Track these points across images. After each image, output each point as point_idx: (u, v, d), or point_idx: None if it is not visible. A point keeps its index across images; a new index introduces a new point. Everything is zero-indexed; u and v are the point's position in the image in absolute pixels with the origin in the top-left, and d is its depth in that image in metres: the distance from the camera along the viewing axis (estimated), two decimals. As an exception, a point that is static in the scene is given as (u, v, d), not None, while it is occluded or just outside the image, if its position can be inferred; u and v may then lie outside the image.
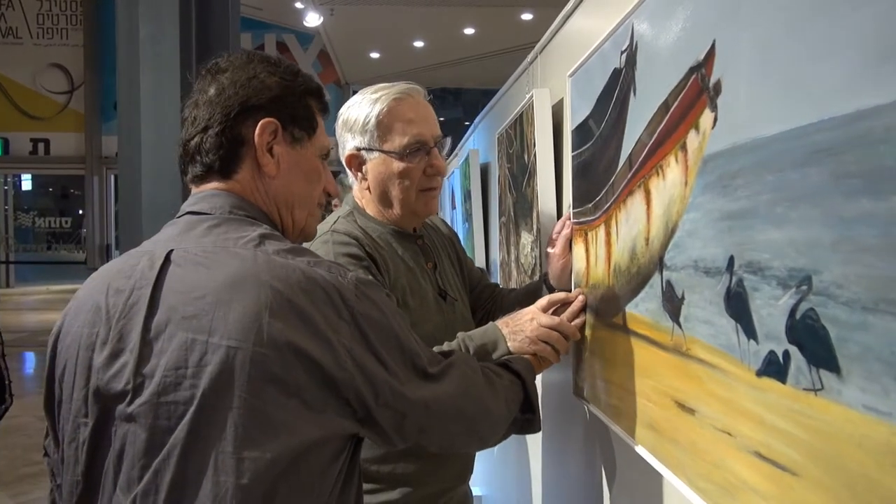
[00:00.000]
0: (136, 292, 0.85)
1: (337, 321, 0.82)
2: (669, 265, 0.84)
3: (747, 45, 0.64)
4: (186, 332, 0.80)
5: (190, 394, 0.78)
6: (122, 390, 0.81)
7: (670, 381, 0.87)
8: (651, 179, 0.90)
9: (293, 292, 0.80)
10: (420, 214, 1.41)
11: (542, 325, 1.23)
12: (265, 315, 0.79)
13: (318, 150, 1.02)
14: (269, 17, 9.17)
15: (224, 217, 0.91)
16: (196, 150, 0.95)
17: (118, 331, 0.84)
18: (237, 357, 0.78)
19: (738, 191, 0.65)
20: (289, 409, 0.79)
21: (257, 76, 0.96)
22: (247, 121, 0.94)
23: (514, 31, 7.46)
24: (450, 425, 0.96)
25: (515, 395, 1.10)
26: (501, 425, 1.07)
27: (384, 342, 0.86)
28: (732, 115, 0.67)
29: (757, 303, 0.63)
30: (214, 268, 0.83)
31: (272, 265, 0.82)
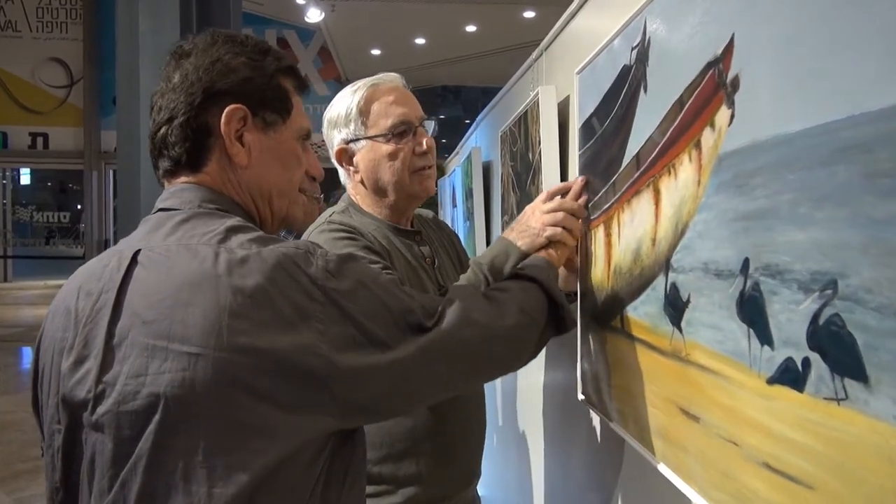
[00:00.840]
0: (104, 296, 0.81)
1: (308, 304, 0.77)
2: (676, 267, 0.82)
3: (768, 38, 0.62)
4: (147, 337, 0.76)
5: (150, 402, 0.74)
6: (85, 398, 0.78)
7: (672, 387, 0.85)
8: (662, 179, 0.87)
9: (255, 285, 0.75)
10: (416, 195, 1.39)
11: (546, 212, 1.20)
12: (225, 317, 0.74)
13: (296, 133, 0.96)
14: (271, 12, 9.13)
15: (193, 212, 0.86)
16: (162, 143, 0.90)
17: (84, 336, 0.80)
18: (198, 364, 0.73)
19: (757, 190, 0.62)
20: (260, 413, 0.74)
21: (221, 59, 0.89)
22: (212, 108, 0.88)
23: (515, 29, 7.43)
24: (457, 364, 0.89)
25: (534, 300, 1.03)
26: (524, 338, 1.00)
27: (368, 313, 0.80)
28: (751, 112, 0.65)
29: (774, 307, 0.60)
30: (174, 268, 0.79)
31: (232, 260, 0.77)
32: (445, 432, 1.34)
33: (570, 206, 1.20)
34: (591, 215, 1.18)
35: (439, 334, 0.85)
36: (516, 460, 2.14)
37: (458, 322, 0.87)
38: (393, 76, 1.41)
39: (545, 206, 1.21)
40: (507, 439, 2.35)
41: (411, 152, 1.35)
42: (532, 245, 1.19)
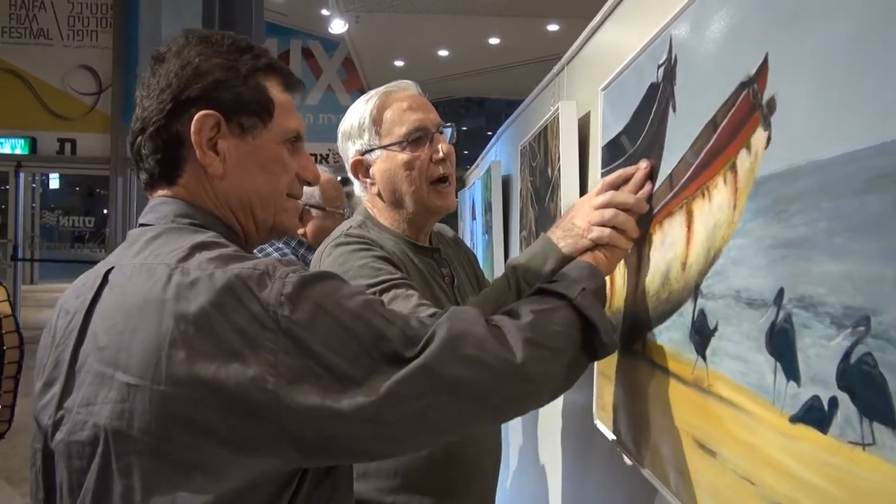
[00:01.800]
0: (76, 316, 0.77)
1: (257, 332, 0.69)
2: (706, 293, 0.79)
3: (805, 59, 0.59)
4: (99, 364, 0.72)
5: (94, 434, 0.70)
6: (47, 424, 0.76)
7: (690, 418, 0.81)
8: (695, 201, 0.84)
9: (199, 310, 0.69)
10: (435, 210, 1.33)
11: (596, 207, 1.01)
12: (165, 346, 0.68)
13: (280, 136, 0.88)
14: (295, 23, 9.22)
15: (165, 227, 0.81)
16: (138, 155, 0.85)
17: (55, 358, 0.78)
18: (136, 396, 0.68)
19: (795, 217, 0.60)
20: (203, 450, 0.68)
21: (191, 62, 0.83)
22: (182, 117, 0.82)
23: (539, 42, 7.42)
24: (447, 405, 0.76)
25: (558, 326, 0.86)
26: (539, 374, 0.83)
27: (328, 342, 0.71)
28: (789, 135, 0.62)
29: (805, 341, 0.57)
30: (130, 290, 0.74)
31: (182, 283, 0.71)
32: (462, 462, 1.29)
33: (624, 199, 1.00)
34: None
35: (418, 369, 0.73)
36: (531, 484, 2.11)
37: (444, 356, 0.75)
38: (407, 83, 1.36)
39: (596, 199, 1.03)
40: (521, 460, 2.31)
41: (428, 160, 1.29)
42: (575, 248, 1.03)
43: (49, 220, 10.49)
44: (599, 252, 1.01)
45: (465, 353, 0.76)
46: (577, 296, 0.89)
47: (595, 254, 1.01)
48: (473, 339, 0.78)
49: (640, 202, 1.00)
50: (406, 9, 6.83)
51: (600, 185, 1.06)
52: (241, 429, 0.68)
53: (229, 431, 0.68)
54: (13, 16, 8.72)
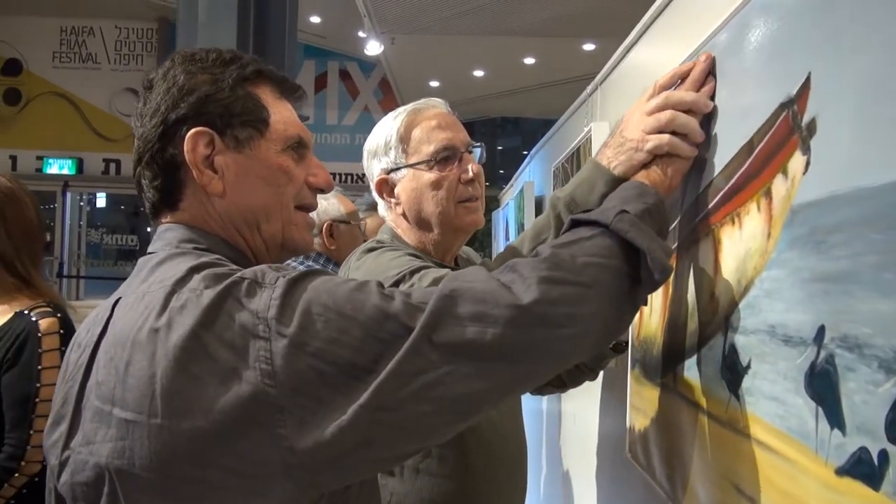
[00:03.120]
0: (85, 351, 0.74)
1: (250, 344, 0.64)
2: (737, 327, 0.73)
3: (850, 79, 0.54)
4: (98, 400, 0.69)
5: (97, 475, 0.67)
6: (54, 464, 0.72)
7: (726, 460, 0.76)
8: (724, 227, 0.79)
9: (188, 333, 0.65)
10: (462, 229, 1.27)
11: (649, 112, 0.88)
12: (159, 377, 0.65)
13: (280, 144, 0.84)
14: (333, 45, 9.35)
15: (168, 252, 0.78)
16: (139, 186, 0.83)
17: (64, 394, 0.75)
18: (135, 433, 0.65)
19: (836, 249, 0.55)
20: (207, 482, 0.64)
21: (176, 83, 0.80)
22: (174, 139, 0.79)
23: (575, 62, 7.37)
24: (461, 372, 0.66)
25: (590, 256, 0.73)
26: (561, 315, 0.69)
27: (330, 336, 0.65)
28: (829, 160, 0.57)
29: (850, 386, 0.52)
30: (126, 322, 0.70)
31: (174, 308, 0.67)
32: (484, 496, 1.23)
33: (682, 97, 0.85)
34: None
35: (416, 341, 0.65)
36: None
37: (439, 320, 0.66)
38: (436, 101, 1.32)
39: (649, 104, 0.89)
40: (548, 493, 2.24)
41: (456, 180, 1.24)
42: (630, 164, 0.89)
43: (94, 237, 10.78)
44: (656, 167, 0.87)
45: (462, 311, 0.67)
46: (612, 220, 0.76)
47: (650, 170, 0.87)
48: (470, 294, 0.68)
49: (702, 98, 0.85)
50: (441, 30, 6.87)
51: (652, 88, 0.92)
52: (249, 452, 0.63)
53: (235, 458, 0.64)
54: (63, 41, 9.08)
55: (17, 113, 9.05)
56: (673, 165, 0.87)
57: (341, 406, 0.63)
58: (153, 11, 8.74)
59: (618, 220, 0.76)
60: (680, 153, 0.87)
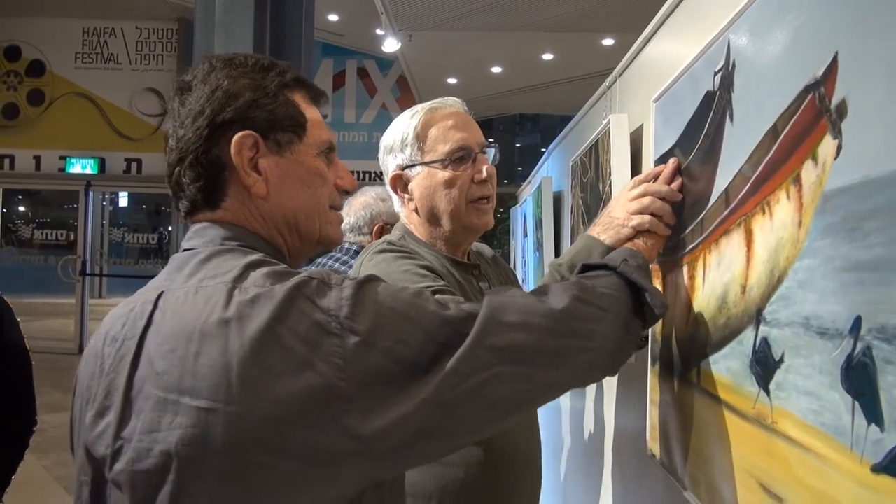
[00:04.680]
0: (126, 343, 0.76)
1: (323, 339, 0.69)
2: (770, 320, 0.70)
3: (881, 56, 0.52)
4: (159, 390, 0.70)
5: (163, 461, 0.69)
6: (104, 454, 0.73)
7: (752, 457, 0.73)
8: (754, 218, 0.76)
9: (263, 326, 0.69)
10: (473, 228, 1.30)
11: (632, 199, 1.06)
12: (234, 366, 0.68)
13: (316, 148, 0.89)
14: (351, 43, 9.38)
15: (214, 249, 0.81)
16: (177, 185, 0.85)
17: (106, 386, 0.76)
18: (210, 419, 0.67)
19: (871, 236, 0.52)
20: (276, 468, 0.67)
21: (220, 86, 0.83)
22: (220, 141, 0.82)
23: (594, 57, 7.31)
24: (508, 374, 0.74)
25: (600, 286, 0.86)
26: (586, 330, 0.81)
27: (395, 336, 0.71)
28: (862, 143, 0.54)
29: (889, 379, 0.49)
30: (187, 314, 0.73)
31: (243, 302, 0.71)
32: (500, 486, 1.23)
33: (659, 189, 1.05)
34: (675, 254, 1.07)
35: (472, 344, 0.73)
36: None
37: (490, 328, 0.74)
38: (453, 101, 1.34)
39: (630, 192, 1.08)
40: (567, 487, 2.21)
41: (470, 180, 1.27)
42: (617, 238, 1.06)
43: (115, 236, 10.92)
44: (639, 240, 1.05)
45: (510, 319, 0.76)
46: (619, 264, 0.91)
47: (635, 242, 1.05)
48: (514, 306, 0.78)
49: (674, 191, 1.05)
50: (459, 26, 6.86)
51: (633, 181, 1.11)
52: (318, 442, 0.67)
53: (306, 446, 0.67)
54: (85, 42, 9.20)
55: (41, 113, 9.19)
56: (651, 240, 1.06)
57: (402, 400, 0.69)
58: (173, 12, 8.83)
59: (623, 265, 0.91)
60: (657, 231, 1.06)
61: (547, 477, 1.45)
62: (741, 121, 0.82)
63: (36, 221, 10.89)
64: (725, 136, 0.87)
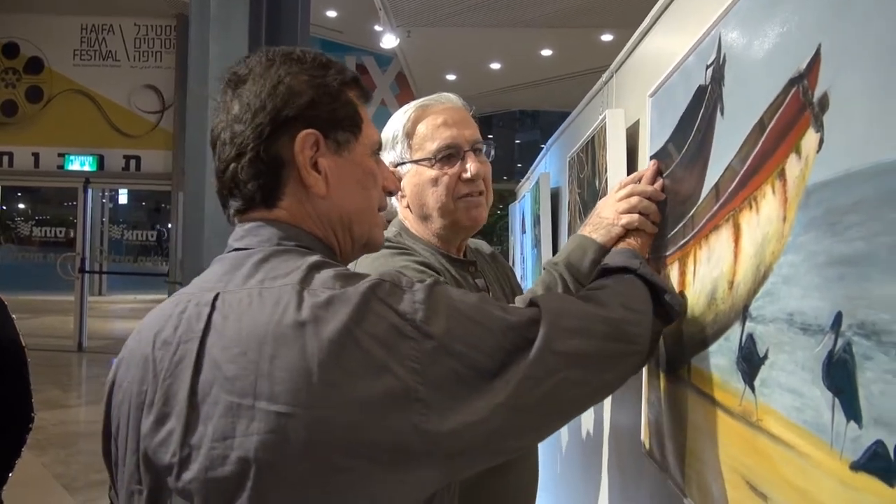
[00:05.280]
0: (183, 346, 0.74)
1: (400, 342, 0.69)
2: (756, 316, 0.70)
3: (863, 47, 0.51)
4: (231, 395, 0.69)
5: (241, 469, 0.67)
6: (170, 462, 0.71)
7: (739, 455, 0.73)
8: (742, 213, 0.76)
9: (341, 328, 0.68)
10: (463, 225, 1.29)
11: (619, 199, 1.10)
12: (314, 369, 0.67)
13: (370, 148, 0.89)
14: (349, 39, 9.37)
15: (271, 250, 0.79)
16: (232, 182, 0.83)
17: (164, 391, 0.73)
18: (289, 424, 0.66)
19: (852, 230, 0.51)
20: (359, 471, 0.67)
21: (282, 81, 0.81)
22: (282, 138, 0.80)
23: (593, 53, 7.29)
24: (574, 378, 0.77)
25: (634, 290, 0.91)
26: (634, 333, 0.84)
27: (468, 341, 0.72)
28: (844, 135, 0.54)
29: (867, 375, 0.49)
30: (256, 317, 0.71)
31: (316, 304, 0.70)
32: (494, 494, 1.23)
33: (644, 189, 1.09)
34: (666, 251, 1.06)
35: (541, 350, 0.74)
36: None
37: (556, 334, 0.76)
38: (449, 96, 1.32)
39: (617, 194, 1.12)
40: (563, 488, 2.21)
41: (456, 178, 1.26)
42: (608, 236, 1.10)
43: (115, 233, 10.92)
44: (630, 239, 1.08)
45: (571, 325, 0.78)
46: (639, 266, 0.94)
47: (628, 241, 1.08)
48: (572, 312, 0.80)
49: (657, 190, 1.09)
50: (457, 22, 6.84)
51: (618, 184, 1.15)
52: (396, 444, 0.67)
53: (384, 448, 0.67)
54: (84, 39, 9.17)
55: (40, 110, 9.17)
56: (641, 239, 1.08)
57: (475, 404, 0.70)
58: (171, 8, 8.80)
59: (642, 266, 0.95)
60: (645, 229, 1.09)
61: (544, 474, 1.45)
62: (731, 115, 0.81)
63: (35, 219, 10.89)
64: (716, 131, 0.86)
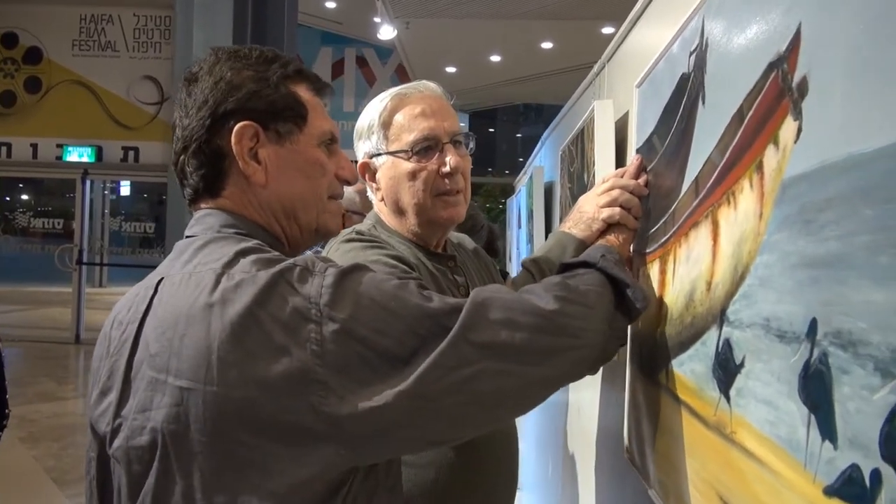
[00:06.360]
0: (129, 326, 0.81)
1: (302, 325, 0.71)
2: (733, 320, 0.65)
3: (845, 27, 0.46)
4: (152, 370, 0.75)
5: (152, 438, 0.73)
6: (104, 431, 0.78)
7: (712, 467, 0.69)
8: (720, 209, 0.71)
9: (244, 310, 0.71)
10: (439, 223, 1.22)
11: (600, 193, 1.09)
12: (214, 348, 0.71)
13: (317, 139, 0.91)
14: (350, 31, 9.30)
15: (211, 236, 0.83)
16: (181, 173, 0.89)
17: (109, 367, 0.81)
18: (190, 399, 0.71)
19: (827, 229, 0.46)
20: (258, 447, 0.70)
21: (223, 77, 0.86)
22: (221, 130, 0.85)
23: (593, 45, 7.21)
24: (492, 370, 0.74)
25: (584, 283, 0.86)
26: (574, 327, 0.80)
27: (375, 326, 0.72)
28: (822, 124, 0.49)
29: (844, 391, 0.44)
30: (179, 298, 0.76)
31: (227, 287, 0.73)
32: (474, 489, 1.19)
33: (626, 183, 1.08)
34: (647, 248, 1.01)
35: (454, 339, 0.73)
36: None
37: (474, 323, 0.74)
38: (429, 85, 1.26)
39: (599, 188, 1.10)
40: (544, 490, 2.17)
41: (435, 172, 1.19)
42: (589, 231, 1.09)
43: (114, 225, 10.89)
44: (610, 235, 1.07)
45: (494, 316, 0.76)
46: (599, 260, 0.91)
47: (608, 238, 1.07)
48: (499, 302, 0.78)
49: (640, 185, 1.06)
50: (456, 14, 6.77)
51: (600, 179, 1.13)
52: (294, 423, 0.70)
53: (282, 427, 0.70)
54: (83, 29, 9.11)
55: (38, 101, 9.12)
56: (623, 235, 1.07)
57: (381, 389, 0.70)
58: (170, -2, 8.73)
59: (603, 260, 0.91)
60: (627, 224, 1.07)
61: (526, 475, 1.41)
62: (712, 104, 0.76)
63: (35, 210, 10.86)
64: (698, 121, 0.81)
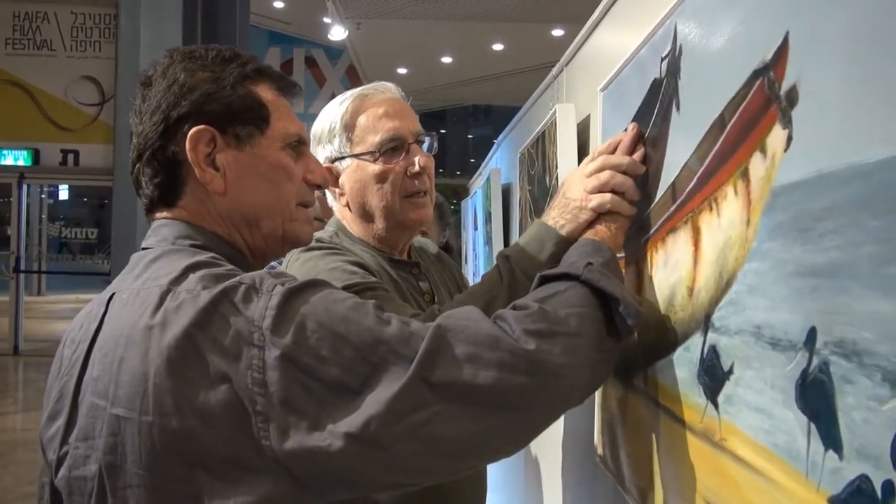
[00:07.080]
0: (80, 345, 0.75)
1: (244, 351, 0.64)
2: (719, 326, 0.65)
3: (836, 35, 0.46)
4: (93, 396, 0.70)
5: (93, 469, 0.69)
6: (52, 458, 0.74)
7: (700, 474, 0.68)
8: (701, 215, 0.71)
9: (182, 334, 0.65)
10: (408, 225, 1.21)
11: (589, 174, 0.92)
12: (151, 375, 0.65)
13: (280, 141, 0.85)
14: (299, 31, 9.18)
15: (164, 249, 0.78)
16: (136, 183, 0.83)
17: (59, 389, 0.76)
18: (126, 429, 0.66)
19: (826, 238, 0.46)
20: (194, 482, 0.64)
21: (177, 80, 0.80)
22: (175, 136, 0.79)
23: (544, 48, 7.30)
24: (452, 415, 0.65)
25: (572, 305, 0.74)
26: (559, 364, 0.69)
27: (319, 351, 0.65)
28: (816, 133, 0.49)
29: (848, 401, 0.44)
30: (123, 318, 0.71)
31: (169, 308, 0.68)
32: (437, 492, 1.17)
33: (619, 161, 0.90)
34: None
35: (411, 378, 0.64)
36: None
37: (433, 359, 0.65)
38: (387, 86, 1.24)
39: (588, 167, 0.93)
40: (517, 492, 2.17)
41: (403, 173, 1.17)
42: (576, 223, 0.92)
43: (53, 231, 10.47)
44: (601, 225, 0.91)
45: (458, 351, 0.66)
46: (583, 271, 0.78)
47: (596, 229, 0.91)
48: (465, 334, 0.68)
49: (636, 162, 0.90)
50: (407, 15, 6.76)
51: (590, 155, 0.96)
52: (233, 457, 0.64)
53: (220, 461, 0.64)
54: (16, 27, 8.71)
55: (-31, 102, 8.70)
56: (616, 223, 0.91)
57: (327, 425, 0.63)
58: (111, -4, 8.42)
59: (588, 271, 0.78)
60: (621, 211, 0.91)
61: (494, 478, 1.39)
62: (688, 109, 0.76)
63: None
64: (672, 126, 0.81)
